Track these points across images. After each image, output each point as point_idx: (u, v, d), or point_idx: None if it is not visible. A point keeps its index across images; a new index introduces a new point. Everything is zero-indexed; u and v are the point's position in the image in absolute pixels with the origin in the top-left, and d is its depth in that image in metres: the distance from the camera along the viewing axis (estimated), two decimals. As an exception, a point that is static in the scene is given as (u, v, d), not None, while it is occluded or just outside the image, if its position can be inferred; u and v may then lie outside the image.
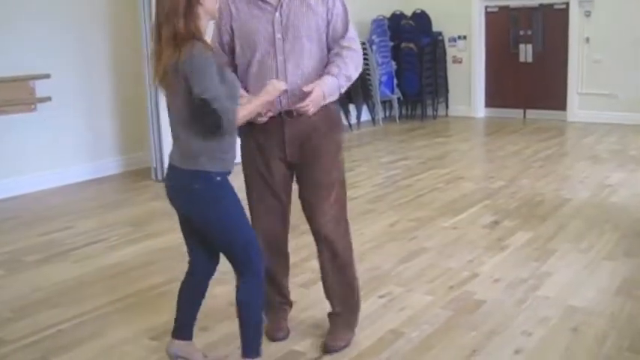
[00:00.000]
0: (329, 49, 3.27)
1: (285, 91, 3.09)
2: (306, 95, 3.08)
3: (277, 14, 3.18)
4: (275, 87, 2.96)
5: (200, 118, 2.75)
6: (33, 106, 6.85)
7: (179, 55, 2.67)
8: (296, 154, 3.29)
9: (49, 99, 6.91)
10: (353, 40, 3.28)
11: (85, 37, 7.34)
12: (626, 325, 3.64)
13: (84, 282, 4.51)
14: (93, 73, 7.47)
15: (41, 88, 6.86)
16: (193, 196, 2.88)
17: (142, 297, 4.21)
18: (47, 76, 6.85)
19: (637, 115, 10.07)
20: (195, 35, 2.71)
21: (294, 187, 3.43)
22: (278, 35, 3.18)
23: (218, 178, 2.87)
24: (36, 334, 3.74)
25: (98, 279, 4.56)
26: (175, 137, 2.90)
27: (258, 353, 3.01)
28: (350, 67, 3.23)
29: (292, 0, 3.20)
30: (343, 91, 3.27)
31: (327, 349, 3.41)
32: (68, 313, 3.99)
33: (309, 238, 3.50)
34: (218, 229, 2.94)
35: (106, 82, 7.63)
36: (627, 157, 7.90)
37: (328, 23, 3.25)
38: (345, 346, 3.42)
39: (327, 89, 3.15)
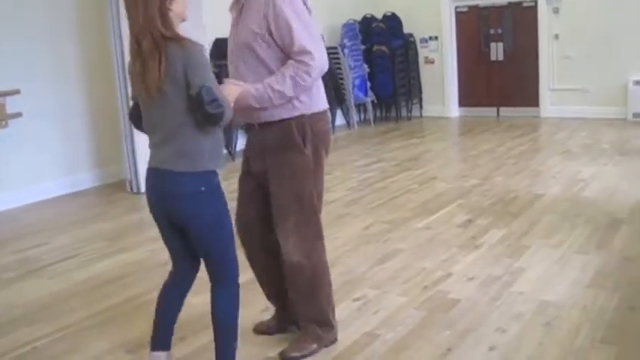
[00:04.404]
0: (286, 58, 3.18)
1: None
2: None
3: (237, 21, 3.25)
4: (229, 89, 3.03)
5: (201, 109, 2.70)
6: (4, 123, 6.81)
7: (172, 54, 2.69)
8: (258, 166, 3.35)
9: (19, 115, 6.87)
10: (304, 53, 3.12)
11: (54, 51, 7.32)
12: (598, 317, 3.68)
13: (60, 298, 4.49)
14: (64, 88, 7.44)
15: (11, 104, 6.82)
16: (197, 200, 2.81)
17: (118, 310, 4.20)
18: (17, 92, 6.80)
19: (607, 108, 10.21)
20: (175, 38, 2.72)
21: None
22: (231, 43, 3.27)
23: (216, 179, 2.87)
24: (12, 352, 3.71)
25: (74, 294, 4.54)
26: (166, 138, 2.81)
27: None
28: (286, 83, 3.11)
29: (248, 4, 3.21)
30: (277, 103, 3.15)
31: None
32: (44, 329, 3.97)
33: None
34: (216, 234, 2.90)
35: (78, 95, 7.60)
36: (598, 151, 8.00)
37: (269, 30, 3.14)
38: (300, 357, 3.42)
39: (256, 92, 3.12)
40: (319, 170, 3.34)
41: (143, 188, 7.15)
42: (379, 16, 11.51)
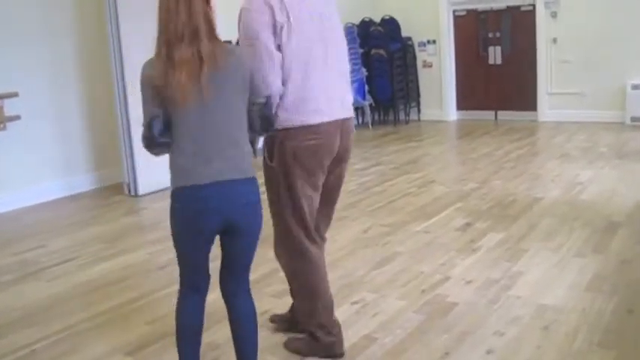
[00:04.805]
0: None
1: None
2: None
3: None
4: None
5: (267, 117, 2.76)
6: (2, 125, 6.81)
7: (235, 58, 2.68)
8: None
9: (18, 117, 6.87)
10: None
11: (52, 54, 7.32)
12: (596, 320, 3.69)
13: (58, 300, 4.49)
14: (62, 91, 7.44)
15: (10, 107, 6.82)
16: (258, 208, 2.80)
17: (117, 313, 4.20)
18: (15, 95, 6.81)
19: (605, 112, 10.22)
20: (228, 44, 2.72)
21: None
22: None
23: None
24: (10, 354, 3.71)
25: (72, 297, 4.55)
26: (225, 148, 2.69)
27: None
28: None
29: None
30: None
31: None
32: (42, 332, 3.98)
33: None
34: (257, 240, 2.89)
35: (76, 98, 7.60)
36: (596, 155, 8.01)
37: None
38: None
39: None
40: (292, 186, 3.16)
41: (141, 191, 7.25)
42: (377, 19, 11.52)
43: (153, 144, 2.70)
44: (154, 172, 7.17)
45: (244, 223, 2.77)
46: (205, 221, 2.70)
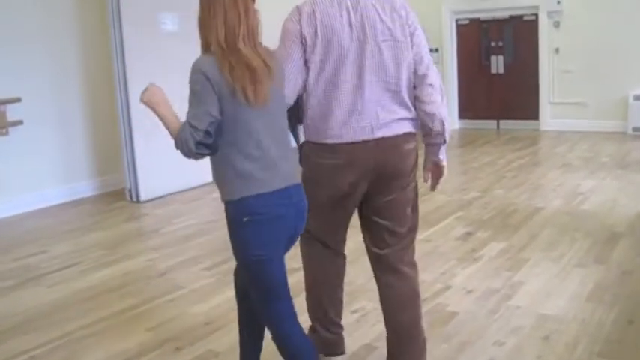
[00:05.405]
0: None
1: None
2: None
3: None
4: None
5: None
6: (5, 130, 6.82)
7: (277, 61, 2.71)
8: None
9: (20, 123, 6.89)
10: None
11: (55, 59, 7.34)
12: (596, 330, 3.68)
13: (58, 306, 4.48)
14: (64, 96, 7.45)
15: (12, 112, 6.84)
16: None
17: (116, 319, 4.19)
18: (18, 100, 6.83)
19: (607, 122, 10.23)
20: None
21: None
22: None
23: None
24: (9, 360, 3.73)
25: (72, 303, 4.54)
26: (282, 151, 2.64)
27: None
28: None
29: None
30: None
31: None
32: (42, 338, 3.97)
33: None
34: None
35: (79, 103, 7.61)
36: (598, 165, 8.00)
37: None
38: None
39: None
40: (310, 196, 2.86)
41: (142, 197, 7.25)
42: (380, 27, 11.52)
43: (203, 150, 2.49)
44: (156, 179, 7.21)
45: (301, 229, 2.74)
46: (284, 231, 2.62)
